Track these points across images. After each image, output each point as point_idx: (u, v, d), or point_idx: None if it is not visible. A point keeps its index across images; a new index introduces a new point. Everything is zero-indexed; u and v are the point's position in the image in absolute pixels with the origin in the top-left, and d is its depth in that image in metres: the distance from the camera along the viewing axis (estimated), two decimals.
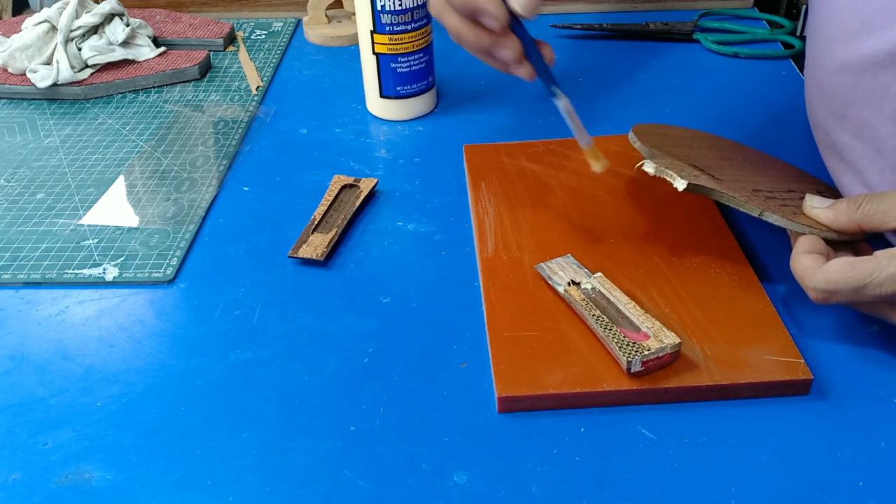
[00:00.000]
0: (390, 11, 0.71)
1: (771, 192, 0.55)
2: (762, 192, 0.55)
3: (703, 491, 0.43)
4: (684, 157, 0.57)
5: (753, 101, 0.78)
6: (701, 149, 0.60)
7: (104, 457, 0.46)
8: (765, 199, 0.53)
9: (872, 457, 0.45)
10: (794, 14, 0.99)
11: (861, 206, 0.50)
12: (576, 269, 0.55)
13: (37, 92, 0.82)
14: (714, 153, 0.60)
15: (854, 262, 0.47)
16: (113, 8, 0.86)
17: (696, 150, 0.59)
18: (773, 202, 0.54)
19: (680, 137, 0.61)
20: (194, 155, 0.73)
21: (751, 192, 0.54)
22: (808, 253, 0.50)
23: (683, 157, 0.57)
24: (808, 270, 0.48)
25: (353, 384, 0.50)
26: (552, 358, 0.49)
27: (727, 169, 0.57)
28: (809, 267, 0.48)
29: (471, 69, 0.86)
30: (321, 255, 0.59)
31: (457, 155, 0.72)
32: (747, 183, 0.56)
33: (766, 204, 0.53)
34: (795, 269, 0.49)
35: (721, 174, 0.56)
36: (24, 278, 0.59)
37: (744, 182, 0.56)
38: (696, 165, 0.55)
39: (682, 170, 0.54)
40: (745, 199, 0.52)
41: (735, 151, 0.63)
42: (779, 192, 0.56)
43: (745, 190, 0.54)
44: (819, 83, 0.56)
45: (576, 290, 0.53)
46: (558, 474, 0.44)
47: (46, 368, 0.52)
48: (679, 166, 0.54)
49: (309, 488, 0.44)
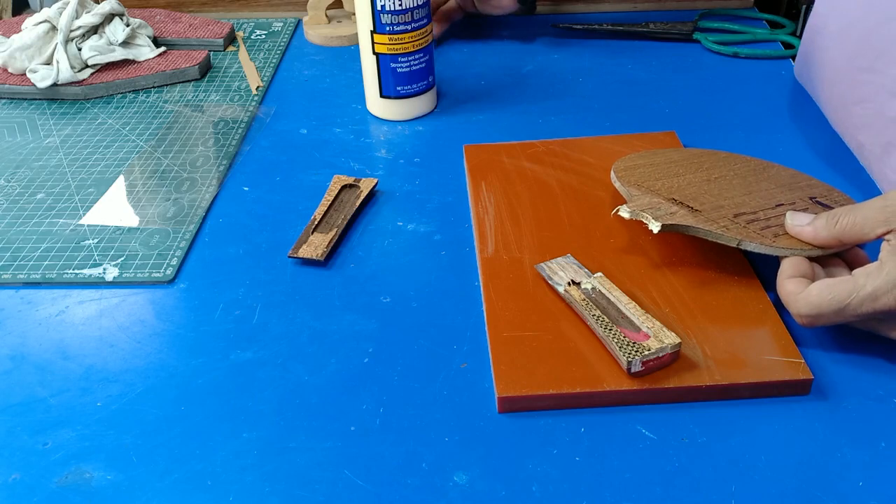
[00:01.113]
0: (390, 11, 0.71)
1: (755, 214, 0.56)
2: (745, 214, 0.55)
3: (703, 491, 0.43)
4: (666, 188, 0.58)
5: (753, 101, 0.78)
6: (687, 174, 0.60)
7: (104, 457, 0.46)
8: (745, 225, 0.54)
9: (872, 457, 0.45)
10: (794, 14, 0.99)
11: (838, 221, 0.51)
12: (576, 269, 0.55)
13: (37, 92, 0.82)
14: (701, 175, 0.60)
15: (833, 284, 0.48)
16: (113, 8, 0.86)
17: (681, 177, 0.60)
18: (755, 226, 0.54)
19: (666, 164, 0.62)
20: (194, 155, 0.73)
21: (731, 220, 0.54)
22: (792, 277, 0.50)
23: (665, 189, 0.58)
24: (792, 296, 0.49)
25: (353, 384, 0.50)
26: (552, 358, 0.49)
27: (710, 193, 0.58)
28: (793, 292, 0.49)
29: (471, 69, 0.86)
30: (321, 255, 0.59)
31: (457, 155, 0.72)
32: (729, 208, 0.56)
33: (746, 231, 0.53)
34: (781, 294, 0.50)
35: (701, 203, 0.56)
36: (24, 278, 0.59)
37: (725, 208, 0.56)
38: (675, 199, 0.56)
39: (659, 208, 0.54)
40: (724, 230, 0.53)
41: (725, 166, 0.63)
42: (765, 209, 0.56)
43: (725, 218, 0.55)
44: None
45: (576, 290, 0.53)
46: (558, 474, 0.44)
47: (46, 368, 0.52)
48: (656, 205, 0.55)
49: (309, 488, 0.44)
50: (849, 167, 0.67)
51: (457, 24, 0.94)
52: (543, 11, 0.98)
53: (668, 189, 0.58)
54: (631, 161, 0.62)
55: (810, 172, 0.64)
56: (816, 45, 0.70)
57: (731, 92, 0.80)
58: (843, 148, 0.69)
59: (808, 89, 0.74)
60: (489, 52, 0.90)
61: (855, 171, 0.67)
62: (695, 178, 0.60)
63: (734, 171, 0.62)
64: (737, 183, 0.60)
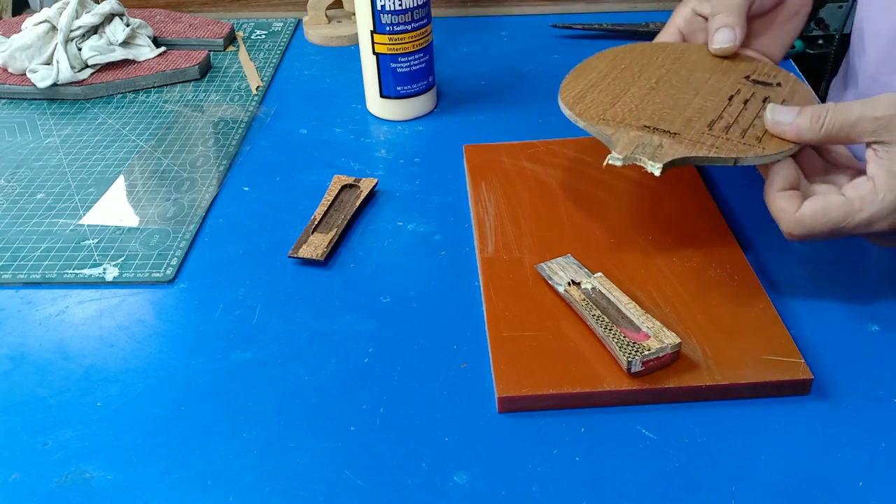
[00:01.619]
0: (390, 11, 0.71)
1: (722, 117, 0.55)
2: (716, 122, 0.55)
3: (703, 491, 0.43)
4: (626, 112, 0.56)
5: None
6: (630, 87, 0.59)
7: (104, 457, 0.46)
8: (725, 135, 0.53)
9: (872, 457, 0.45)
10: None
11: (824, 123, 0.50)
12: (576, 269, 0.55)
13: (37, 92, 0.82)
14: (642, 84, 0.59)
15: (827, 206, 0.48)
16: (113, 8, 0.86)
17: (629, 94, 0.58)
18: (734, 132, 0.53)
19: (604, 81, 0.60)
20: (194, 155, 0.73)
21: (709, 133, 0.54)
22: (783, 191, 0.50)
23: (626, 113, 0.56)
24: (785, 214, 0.49)
25: (353, 384, 0.50)
26: (552, 358, 0.49)
27: (667, 105, 0.57)
28: (785, 209, 0.49)
29: (471, 69, 0.86)
30: (321, 255, 0.59)
31: (457, 155, 0.72)
32: (696, 119, 0.55)
33: (731, 144, 0.52)
34: (772, 209, 0.50)
35: (671, 122, 0.55)
36: (24, 278, 0.59)
37: (694, 120, 0.55)
38: (646, 126, 0.54)
39: (644, 145, 0.53)
40: (716, 150, 0.52)
41: (652, 64, 0.62)
42: (725, 108, 0.56)
43: (704, 133, 0.54)
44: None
45: (576, 290, 0.53)
46: (558, 474, 0.44)
47: (46, 368, 0.52)
48: (639, 141, 0.53)
49: (309, 488, 0.44)
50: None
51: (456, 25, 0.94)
52: (543, 12, 0.98)
53: (629, 114, 0.56)
54: (573, 88, 0.60)
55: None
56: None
57: None
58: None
59: None
60: (489, 52, 0.90)
61: None
62: (639, 90, 0.59)
63: (663, 67, 0.62)
64: (677, 83, 0.60)
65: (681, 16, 0.66)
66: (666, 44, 0.65)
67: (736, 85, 0.59)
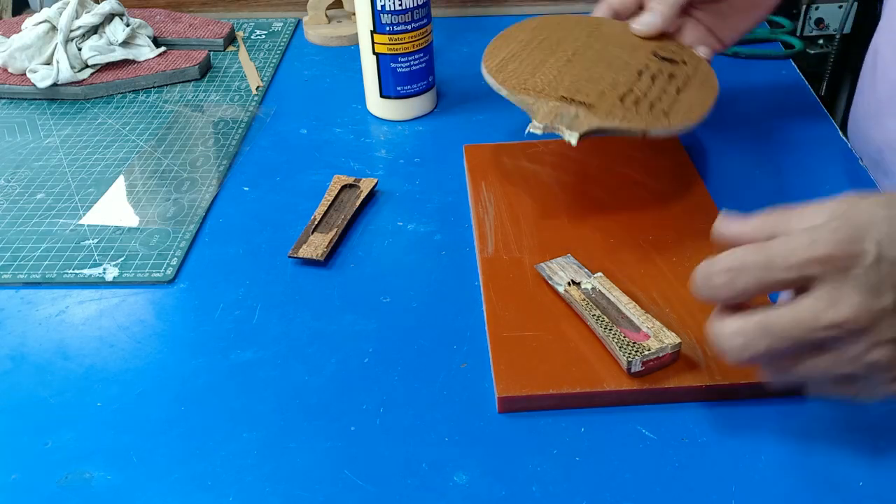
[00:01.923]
0: (390, 11, 0.71)
1: (632, 91, 0.58)
2: (628, 95, 0.58)
3: (703, 491, 0.43)
4: (545, 83, 0.58)
5: (753, 100, 0.78)
6: (548, 58, 0.61)
7: (104, 457, 0.46)
8: (635, 108, 0.56)
9: (872, 457, 0.45)
10: (794, 14, 0.99)
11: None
12: (576, 269, 0.55)
13: (37, 92, 0.82)
14: (560, 56, 0.62)
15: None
16: (113, 8, 0.86)
17: (547, 64, 0.60)
18: (643, 106, 0.57)
19: (525, 51, 0.62)
20: (194, 155, 0.73)
21: (621, 106, 0.56)
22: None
23: (545, 84, 0.58)
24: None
25: (353, 384, 0.50)
26: (552, 358, 0.49)
27: (583, 78, 0.59)
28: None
29: (471, 69, 0.86)
30: (321, 255, 0.59)
31: (457, 155, 0.72)
32: (610, 92, 0.58)
33: (641, 116, 0.56)
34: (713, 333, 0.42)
35: (586, 94, 0.57)
36: (24, 278, 0.59)
37: (607, 93, 0.58)
38: (564, 97, 0.57)
39: (562, 115, 0.55)
40: (626, 122, 0.55)
41: (569, 37, 0.64)
42: (635, 83, 0.59)
43: (616, 106, 0.56)
44: None
45: (576, 290, 0.53)
46: (558, 474, 0.44)
47: (46, 368, 0.52)
48: (558, 110, 0.55)
49: (309, 488, 0.44)
50: (849, 166, 0.67)
51: None
52: (543, 12, 0.98)
53: (548, 84, 0.58)
54: (495, 57, 0.62)
55: (811, 172, 0.64)
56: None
57: (730, 92, 0.80)
58: (842, 147, 0.69)
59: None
60: None
61: (854, 170, 0.67)
62: (556, 61, 0.61)
63: (579, 40, 0.64)
64: (591, 56, 0.62)
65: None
66: (581, 17, 0.68)
67: (644, 60, 0.62)
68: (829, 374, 0.39)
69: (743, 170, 0.68)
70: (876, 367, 0.38)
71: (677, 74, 0.61)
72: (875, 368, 0.38)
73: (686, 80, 0.61)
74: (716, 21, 0.67)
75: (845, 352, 0.38)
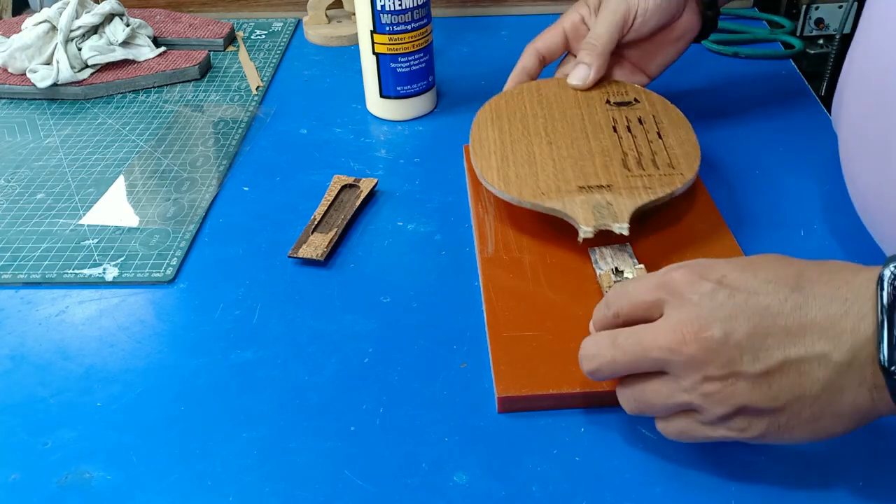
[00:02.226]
0: (390, 11, 0.71)
1: (624, 153, 0.61)
2: (626, 159, 0.60)
3: (703, 491, 0.43)
4: (549, 178, 0.59)
5: (753, 101, 0.78)
6: (531, 146, 0.62)
7: (104, 457, 0.46)
8: (639, 167, 0.59)
9: (872, 457, 0.45)
10: (794, 14, 0.99)
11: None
12: (626, 258, 0.55)
13: (37, 92, 0.82)
14: (539, 141, 0.62)
15: None
16: (113, 8, 0.86)
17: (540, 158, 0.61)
18: (648, 164, 0.59)
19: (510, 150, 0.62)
20: (194, 155, 0.73)
21: (627, 172, 0.58)
22: None
23: (549, 178, 0.58)
24: None
25: (353, 384, 0.50)
26: (552, 358, 0.49)
27: (579, 158, 0.60)
28: None
29: (471, 69, 0.86)
30: (321, 255, 0.59)
31: (457, 155, 0.72)
32: (611, 162, 0.60)
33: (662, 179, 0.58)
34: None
35: (596, 175, 0.58)
36: (24, 278, 0.59)
37: (608, 163, 0.59)
38: (581, 186, 0.58)
39: (600, 209, 0.55)
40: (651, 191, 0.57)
41: (527, 116, 0.65)
42: (624, 143, 0.61)
43: (627, 176, 0.58)
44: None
45: (608, 277, 0.53)
46: (558, 474, 0.44)
47: (46, 368, 0.52)
48: (593, 204, 0.56)
49: (309, 488, 0.44)
50: None
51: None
52: (543, 12, 0.98)
53: (556, 178, 0.58)
54: (488, 168, 0.60)
55: (812, 173, 0.64)
56: None
57: (731, 92, 0.80)
58: None
59: None
60: (489, 52, 0.90)
61: None
62: (540, 147, 0.62)
63: (537, 115, 0.65)
64: (562, 129, 0.63)
65: (569, 20, 0.69)
66: (520, 87, 0.69)
67: (607, 113, 0.64)
68: (670, 402, 0.40)
69: (743, 170, 0.68)
70: (707, 401, 0.38)
71: (643, 117, 0.64)
72: (707, 403, 0.39)
73: (656, 122, 0.64)
74: (642, 57, 0.70)
75: (677, 382, 0.39)
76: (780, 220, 0.62)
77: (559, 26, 0.70)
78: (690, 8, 0.67)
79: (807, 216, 0.63)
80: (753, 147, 0.71)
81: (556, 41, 0.70)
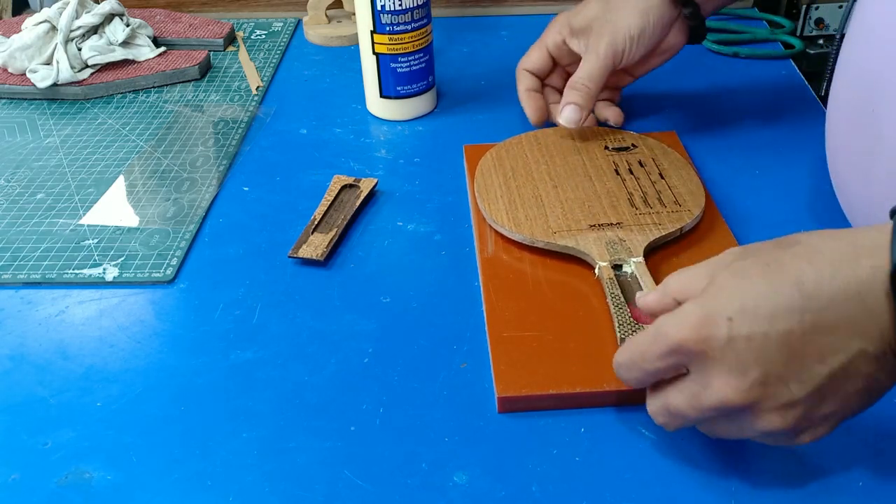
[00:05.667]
0: (390, 11, 0.71)
1: (630, 193, 0.61)
2: (633, 198, 0.61)
3: (703, 491, 0.43)
4: (559, 218, 0.59)
5: (753, 101, 0.78)
6: (537, 189, 0.63)
7: (104, 457, 0.46)
8: (646, 206, 0.60)
9: (872, 457, 0.45)
10: (794, 14, 0.99)
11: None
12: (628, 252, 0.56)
13: (37, 92, 0.82)
14: (544, 185, 0.63)
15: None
16: (113, 8, 0.86)
17: (548, 200, 0.61)
18: (654, 203, 0.60)
19: (517, 194, 0.62)
20: (194, 155, 0.73)
21: (636, 211, 0.59)
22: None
23: (560, 218, 0.59)
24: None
25: (353, 384, 0.50)
26: (552, 358, 0.50)
27: (586, 199, 0.61)
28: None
29: (471, 69, 0.86)
30: (321, 255, 0.59)
31: (457, 155, 0.72)
32: (618, 202, 0.60)
33: (671, 216, 0.58)
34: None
35: (605, 214, 0.59)
36: (24, 278, 0.59)
37: (616, 203, 0.60)
38: (592, 224, 0.58)
39: (609, 243, 0.56)
40: (660, 227, 0.57)
41: (529, 162, 0.66)
42: (629, 184, 0.62)
43: (636, 214, 0.59)
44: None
45: (608, 270, 0.53)
46: (558, 474, 0.44)
47: (46, 368, 0.52)
48: (600, 241, 0.57)
49: (309, 488, 0.44)
50: None
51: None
52: (543, 12, 0.98)
53: (566, 218, 0.59)
54: (498, 210, 0.60)
55: (811, 173, 0.64)
56: None
57: (731, 92, 0.80)
58: None
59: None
60: (489, 52, 0.90)
61: None
62: (547, 193, 0.62)
63: (540, 162, 0.66)
64: (565, 174, 0.64)
65: (552, 39, 0.71)
66: (518, 138, 0.70)
67: (607, 159, 0.66)
68: (742, 435, 0.41)
69: (742, 170, 0.68)
70: (772, 432, 0.39)
71: (643, 160, 0.65)
72: (773, 433, 0.39)
73: (656, 164, 0.65)
74: (628, 66, 0.70)
75: (738, 422, 0.40)
76: (779, 218, 0.62)
77: (543, 47, 0.71)
78: (676, 26, 0.68)
79: (806, 216, 0.63)
80: (753, 146, 0.71)
81: (543, 62, 0.72)
